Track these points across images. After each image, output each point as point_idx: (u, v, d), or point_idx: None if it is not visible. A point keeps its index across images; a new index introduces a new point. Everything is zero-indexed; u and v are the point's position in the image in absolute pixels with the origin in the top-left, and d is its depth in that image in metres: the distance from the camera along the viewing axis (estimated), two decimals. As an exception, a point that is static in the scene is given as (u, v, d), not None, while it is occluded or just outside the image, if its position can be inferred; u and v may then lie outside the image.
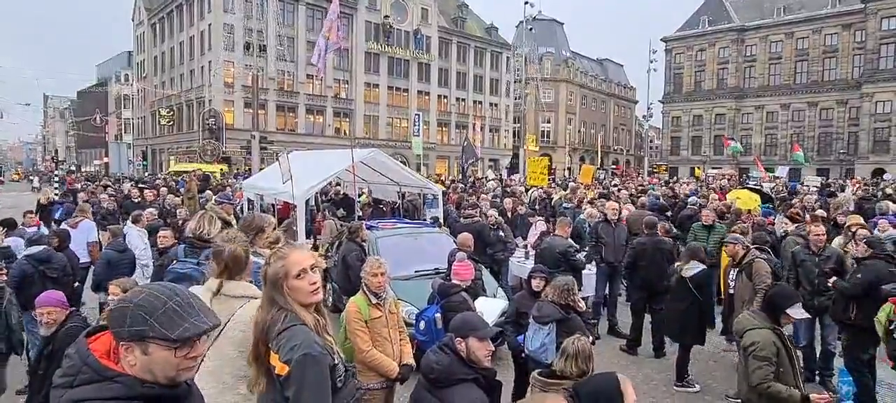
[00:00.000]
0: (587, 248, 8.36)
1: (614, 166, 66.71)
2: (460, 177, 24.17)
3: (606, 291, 8.37)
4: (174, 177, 21.96)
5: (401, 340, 4.02)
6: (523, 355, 4.73)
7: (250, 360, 2.20)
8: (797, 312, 3.75)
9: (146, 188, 14.74)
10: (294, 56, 47.03)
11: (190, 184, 12.57)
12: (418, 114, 39.26)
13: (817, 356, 6.40)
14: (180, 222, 7.84)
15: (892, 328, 4.55)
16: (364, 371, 3.76)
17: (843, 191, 16.67)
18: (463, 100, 60.14)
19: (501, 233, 9.00)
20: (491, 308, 5.23)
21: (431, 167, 51.04)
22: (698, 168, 53.82)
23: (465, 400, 2.62)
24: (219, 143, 36.75)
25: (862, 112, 54.45)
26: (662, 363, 6.99)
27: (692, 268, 6.25)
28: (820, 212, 10.30)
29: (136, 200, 12.42)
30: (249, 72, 33.03)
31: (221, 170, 27.33)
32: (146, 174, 42.62)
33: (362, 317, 3.85)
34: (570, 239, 7.75)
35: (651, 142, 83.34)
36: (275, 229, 3.66)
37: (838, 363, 6.06)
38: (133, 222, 8.19)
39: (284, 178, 8.65)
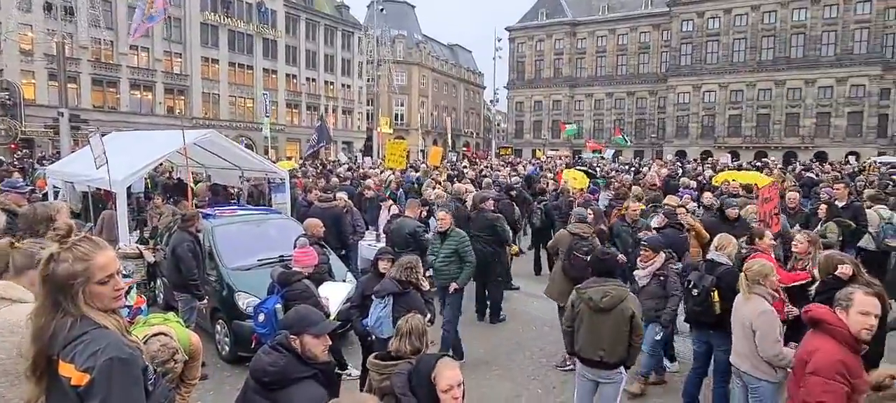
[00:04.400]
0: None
1: (465, 148, 69.56)
2: (302, 162, 23.12)
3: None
4: None
5: None
6: (369, 338, 4.70)
7: (28, 375, 1.86)
8: None
9: None
10: (112, 22, 41.11)
11: (-29, 171, 10.41)
12: (266, 94, 36.93)
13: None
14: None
15: (689, 286, 4.92)
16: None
17: (648, 170, 19.44)
18: (314, 80, 57.86)
19: (350, 218, 8.87)
20: (336, 293, 5.10)
21: (281, 150, 48.53)
22: (539, 150, 58.54)
23: (305, 400, 2.52)
24: (16, 122, 31.04)
25: (668, 102, 63.51)
26: (503, 329, 7.60)
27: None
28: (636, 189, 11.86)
29: None
30: (53, 38, 28.25)
31: None
32: None
33: None
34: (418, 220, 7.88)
35: (498, 125, 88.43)
36: (67, 217, 3.12)
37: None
38: None
39: (97, 163, 7.53)
